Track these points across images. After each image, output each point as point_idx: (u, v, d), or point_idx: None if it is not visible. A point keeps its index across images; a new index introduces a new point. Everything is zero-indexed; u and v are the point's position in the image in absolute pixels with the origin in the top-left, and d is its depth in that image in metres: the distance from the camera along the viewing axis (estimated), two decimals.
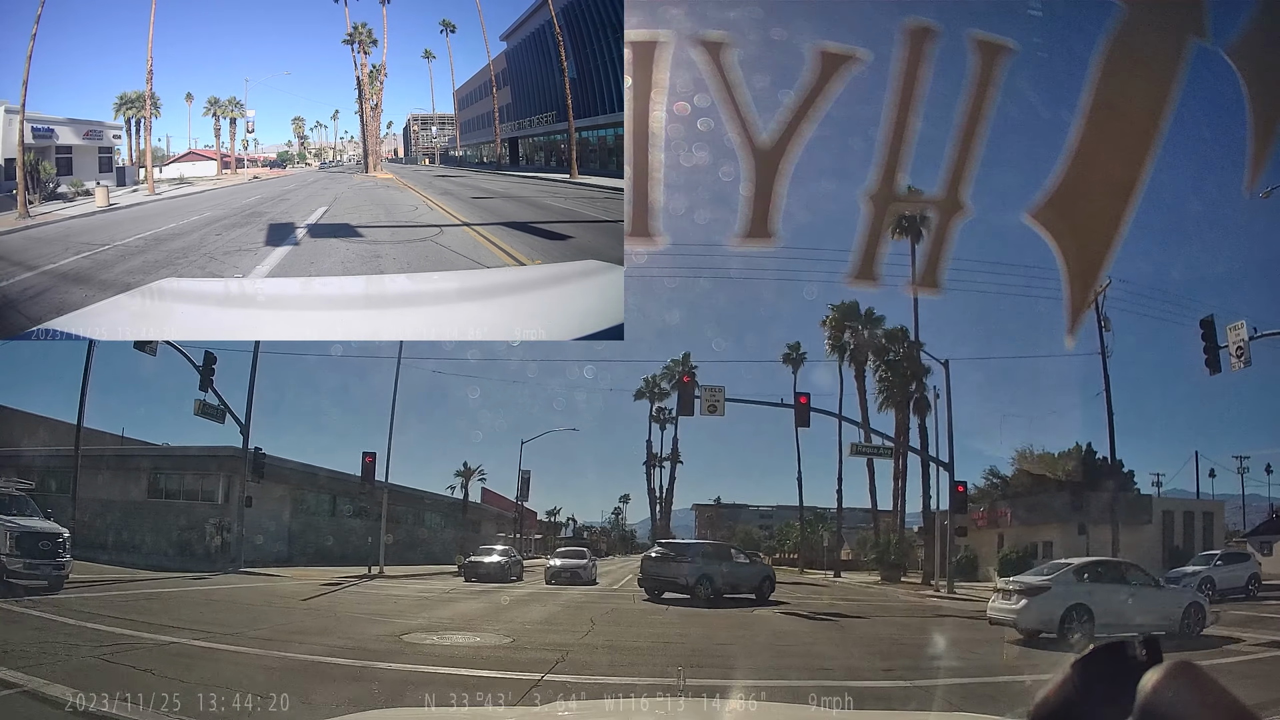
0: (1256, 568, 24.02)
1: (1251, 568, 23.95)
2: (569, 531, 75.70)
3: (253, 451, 27.75)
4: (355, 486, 31.49)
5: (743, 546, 33.02)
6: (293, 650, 9.64)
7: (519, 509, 50.55)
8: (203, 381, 25.49)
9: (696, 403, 25.54)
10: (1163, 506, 33.45)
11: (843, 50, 2.85)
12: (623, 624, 14.42)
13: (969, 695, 8.43)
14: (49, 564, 14.07)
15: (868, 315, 40.41)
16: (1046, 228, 2.77)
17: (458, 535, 43.84)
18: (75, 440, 26.11)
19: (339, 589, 20.56)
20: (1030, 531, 34.46)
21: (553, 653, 10.14)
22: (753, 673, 9.64)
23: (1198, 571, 23.20)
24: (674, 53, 2.88)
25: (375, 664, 8.99)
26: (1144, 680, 0.95)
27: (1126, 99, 2.65)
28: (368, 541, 29.89)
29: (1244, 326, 19.61)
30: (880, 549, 40.23)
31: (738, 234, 2.99)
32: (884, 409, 39.09)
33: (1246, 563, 24.12)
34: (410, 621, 13.43)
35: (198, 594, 17.51)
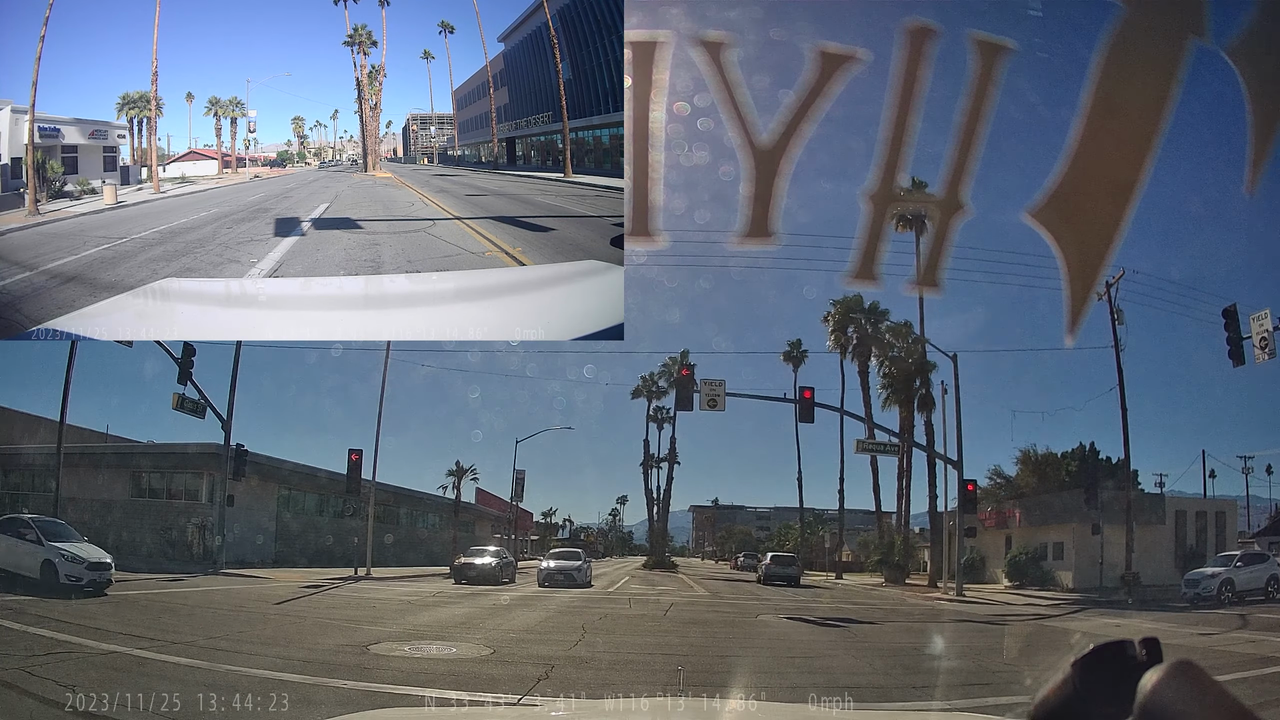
0: (1277, 569, 23.77)
1: (1272, 568, 23.69)
2: (565, 532, 75.82)
3: (234, 448, 27.23)
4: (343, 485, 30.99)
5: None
6: (238, 663, 8.76)
7: (514, 509, 50.46)
8: (181, 375, 24.74)
9: (696, 397, 25.10)
10: (1175, 507, 32.77)
11: (843, 50, 2.85)
12: (616, 632, 13.70)
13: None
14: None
15: (872, 309, 40.10)
16: (1046, 227, 2.77)
17: (451, 536, 43.65)
18: (58, 438, 25.94)
19: (318, 592, 20.06)
20: (1040, 532, 34.01)
21: (535, 667, 9.39)
22: (761, 692, 9.05)
23: (1218, 573, 22.98)
24: (674, 53, 2.89)
25: (328, 681, 8.06)
26: (1144, 680, 0.95)
27: (1126, 99, 2.65)
28: (354, 542, 29.55)
29: (1269, 316, 18.94)
30: (884, 550, 40.00)
31: (738, 233, 2.99)
32: (888, 406, 38.73)
33: (1266, 563, 23.86)
34: (383, 629, 12.80)
35: (163, 598, 16.85)
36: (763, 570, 33.56)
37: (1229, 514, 34.60)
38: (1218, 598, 22.18)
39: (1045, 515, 34.27)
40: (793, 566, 33.22)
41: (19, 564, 16.29)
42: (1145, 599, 24.92)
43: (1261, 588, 22.86)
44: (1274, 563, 23.95)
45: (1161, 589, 26.25)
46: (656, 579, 35.05)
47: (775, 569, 32.36)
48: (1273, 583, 23.16)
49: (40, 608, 12.75)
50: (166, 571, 23.28)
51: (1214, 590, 22.44)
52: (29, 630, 10.21)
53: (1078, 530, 30.75)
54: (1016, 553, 33.48)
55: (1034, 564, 32.54)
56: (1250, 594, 22.46)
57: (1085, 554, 30.06)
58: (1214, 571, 23.20)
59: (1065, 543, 32.18)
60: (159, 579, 20.75)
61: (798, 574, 33.12)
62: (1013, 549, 34.30)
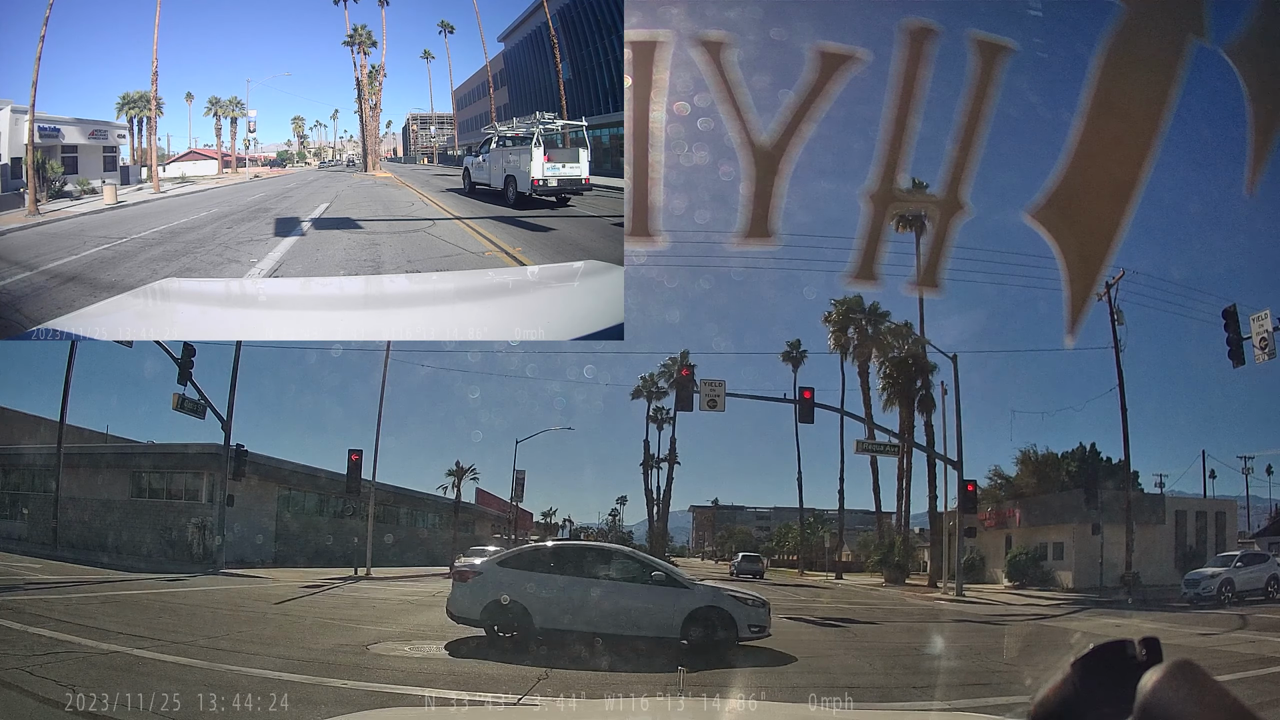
0: (1276, 569, 23.72)
1: (1272, 568, 23.63)
2: (565, 533, 75.85)
3: (234, 449, 27.27)
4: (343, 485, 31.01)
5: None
6: (238, 663, 8.71)
7: (514, 509, 50.42)
8: (181, 375, 24.70)
9: (696, 397, 25.03)
10: (1175, 507, 32.79)
11: (843, 50, 2.85)
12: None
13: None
14: None
15: (872, 310, 40.13)
16: (1046, 227, 2.77)
17: (451, 536, 43.67)
18: (58, 438, 25.89)
19: (319, 591, 20.04)
20: (1039, 532, 34.02)
21: (535, 667, 9.33)
22: (761, 692, 8.97)
23: (1218, 574, 22.90)
24: (674, 53, 2.89)
25: (328, 681, 8.00)
26: (1144, 680, 0.94)
27: (1126, 99, 2.65)
28: (354, 542, 29.57)
29: (1269, 317, 18.85)
30: (884, 550, 40.01)
31: (738, 233, 2.99)
32: (889, 407, 38.79)
33: (1266, 564, 23.82)
34: (383, 629, 12.73)
35: (163, 597, 16.77)
36: (734, 566, 42.50)
37: (1229, 514, 34.57)
38: (1218, 598, 22.12)
39: (1045, 515, 34.25)
40: (758, 564, 43.08)
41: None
42: (1145, 599, 24.90)
43: (1261, 588, 22.82)
44: (1274, 563, 23.90)
45: (1161, 589, 26.25)
46: None
47: (744, 565, 41.42)
48: (1273, 583, 23.11)
49: (40, 607, 12.74)
50: (166, 571, 23.25)
51: (1214, 590, 22.37)
52: (29, 630, 10.17)
53: (1078, 530, 30.70)
54: (1016, 553, 33.45)
55: (1034, 564, 32.51)
56: (1250, 594, 22.41)
57: (1085, 554, 30.02)
58: (1214, 572, 23.13)
59: (1065, 543, 32.14)
60: (159, 579, 20.72)
61: (762, 569, 42.50)
62: (1013, 549, 34.26)
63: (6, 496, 32.58)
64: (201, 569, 24.86)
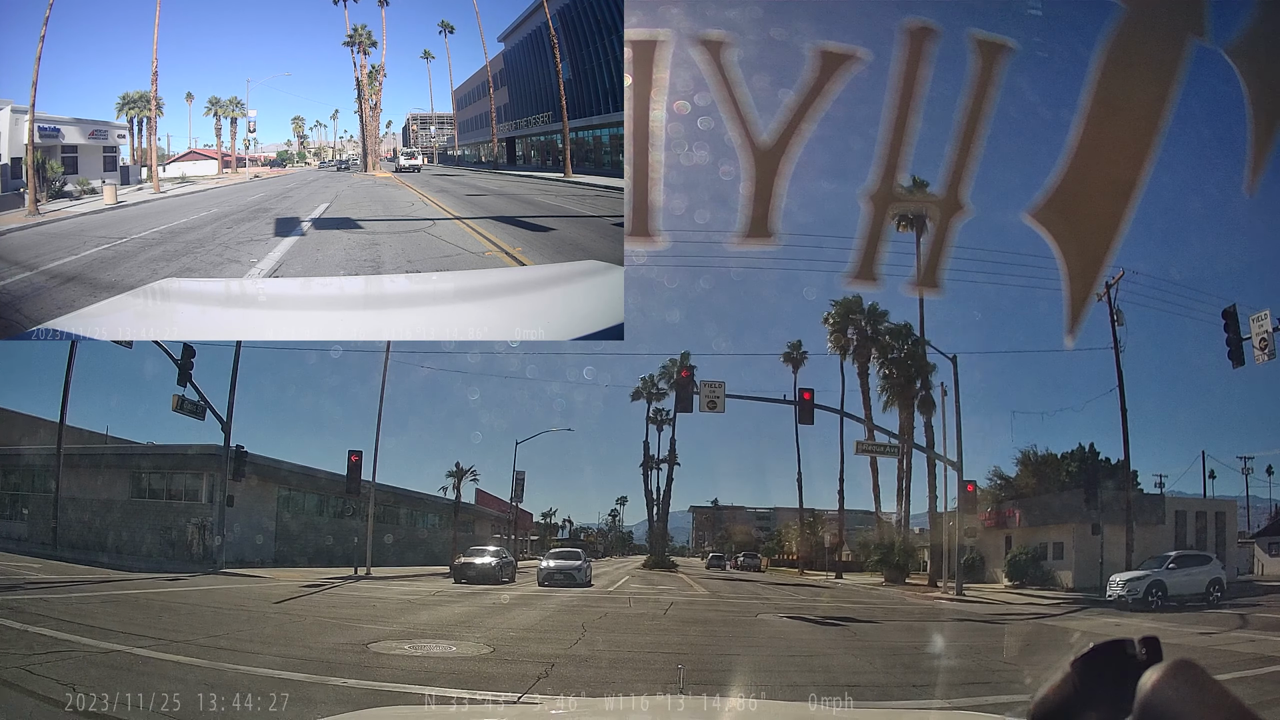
0: (1219, 572, 22.23)
1: (1213, 572, 22.07)
2: (565, 533, 75.91)
3: (234, 449, 27.33)
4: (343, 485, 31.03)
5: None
6: (238, 662, 8.69)
7: (514, 510, 50.45)
8: (181, 376, 24.64)
9: (695, 399, 24.90)
10: (1175, 507, 32.50)
11: (843, 50, 2.85)
12: (616, 631, 13.66)
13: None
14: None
15: (871, 310, 40.12)
16: (1046, 227, 2.77)
17: (451, 536, 43.69)
18: (58, 438, 25.90)
19: (318, 591, 20.01)
20: (1039, 532, 33.98)
21: (535, 666, 9.32)
22: (761, 690, 8.98)
23: (1145, 576, 21.60)
24: (674, 52, 2.89)
25: (328, 680, 7.95)
26: (1144, 679, 0.95)
27: (1126, 99, 2.65)
28: (354, 542, 29.61)
29: (1269, 317, 18.61)
30: (884, 550, 40.03)
31: (738, 233, 2.99)
32: (889, 408, 38.78)
33: (1207, 566, 22.27)
34: (383, 628, 12.68)
35: (163, 597, 16.70)
36: (707, 560, 52.51)
37: (1229, 514, 34.51)
38: (1144, 600, 20.92)
39: (1045, 515, 34.28)
40: (725, 559, 53.19)
41: None
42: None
43: (1202, 592, 21.44)
44: (1216, 565, 22.52)
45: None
46: (656, 578, 35.08)
47: (714, 561, 51.94)
48: (1215, 586, 21.65)
49: (40, 606, 12.74)
50: (166, 571, 23.25)
51: (1140, 593, 21.08)
52: (29, 629, 10.14)
53: (1078, 530, 30.69)
54: (1016, 552, 33.45)
55: (1034, 564, 32.55)
56: (1189, 599, 21.07)
57: (1085, 554, 30.04)
58: (1142, 574, 21.83)
59: (1065, 543, 32.16)
60: (159, 579, 20.70)
61: (727, 565, 51.30)
62: (1013, 549, 34.29)
63: (6, 496, 32.59)
64: (201, 569, 24.85)
